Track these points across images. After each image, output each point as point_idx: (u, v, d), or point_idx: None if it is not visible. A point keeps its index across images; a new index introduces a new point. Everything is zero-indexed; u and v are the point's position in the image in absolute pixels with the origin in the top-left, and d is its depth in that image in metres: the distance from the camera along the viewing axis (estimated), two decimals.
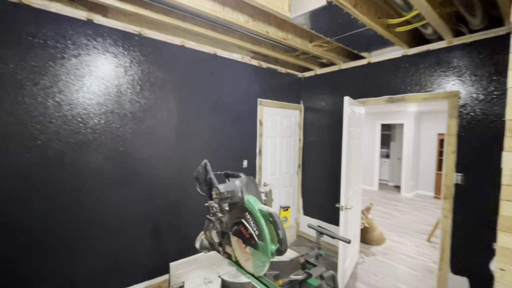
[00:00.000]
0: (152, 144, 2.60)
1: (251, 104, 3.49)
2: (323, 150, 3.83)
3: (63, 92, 2.11)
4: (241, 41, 2.93)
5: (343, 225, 2.59)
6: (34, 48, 1.97)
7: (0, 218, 1.87)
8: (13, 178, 1.91)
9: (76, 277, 2.19)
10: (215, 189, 1.22)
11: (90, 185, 2.25)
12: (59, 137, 2.09)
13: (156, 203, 2.63)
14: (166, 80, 2.67)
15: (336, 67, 3.65)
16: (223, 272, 1.23)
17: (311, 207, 4.04)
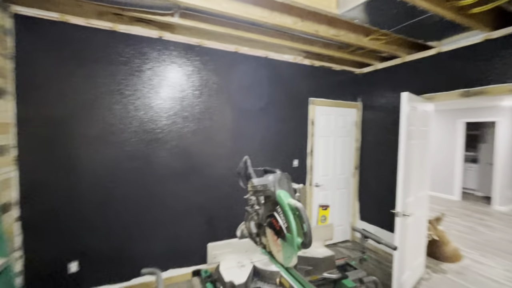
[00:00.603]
0: (208, 142, 2.90)
1: (303, 104, 3.49)
2: (383, 151, 3.53)
3: (140, 99, 2.58)
4: (292, 42, 2.98)
5: (399, 233, 2.37)
6: (121, 64, 2.47)
7: (99, 206, 2.42)
8: (105, 168, 2.45)
9: (146, 255, 2.64)
10: (250, 182, 1.34)
11: (158, 175, 2.67)
12: (136, 135, 2.56)
13: (210, 195, 2.92)
14: (221, 85, 2.94)
15: (398, 60, 3.32)
16: (255, 259, 1.34)
17: (369, 212, 3.77)
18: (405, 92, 2.34)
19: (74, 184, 2.35)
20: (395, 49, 3.09)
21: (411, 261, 2.69)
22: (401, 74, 3.31)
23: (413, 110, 2.57)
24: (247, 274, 1.20)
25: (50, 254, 2.29)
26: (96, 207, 2.43)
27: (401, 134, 2.36)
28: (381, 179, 3.54)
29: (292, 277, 1.17)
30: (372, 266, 3.22)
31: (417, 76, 3.10)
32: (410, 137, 2.49)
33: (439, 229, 3.42)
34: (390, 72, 3.47)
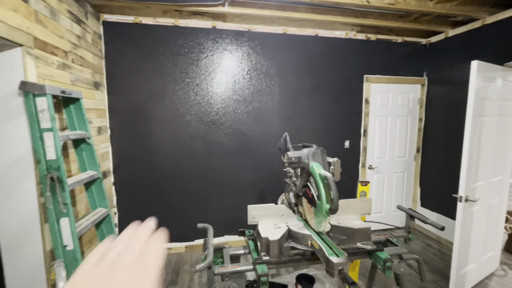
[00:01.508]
0: (259, 123, 3.09)
1: (356, 82, 3.32)
2: (452, 132, 3.11)
3: (199, 85, 2.91)
4: (343, 17, 2.85)
5: (460, 219, 2.15)
6: (181, 55, 2.83)
7: (171, 176, 2.92)
8: (174, 145, 2.91)
9: (209, 219, 3.07)
10: (286, 155, 1.47)
11: (216, 153, 3.02)
12: (196, 118, 2.94)
13: (261, 172, 3.15)
14: (270, 67, 3.05)
15: (477, 23, 2.81)
16: (291, 223, 1.48)
17: (432, 199, 3.43)
18: (475, 61, 2.03)
19: (152, 157, 2.88)
20: (472, 10, 2.63)
21: (478, 253, 2.41)
22: (479, 40, 2.80)
23: (490, 81, 2.20)
24: (282, 233, 1.36)
25: (135, 212, 2.91)
26: (167, 177, 2.94)
27: (468, 110, 2.08)
28: (448, 163, 3.15)
29: (321, 240, 1.28)
30: (431, 255, 2.99)
31: (502, 41, 2.58)
32: (482, 113, 2.16)
33: None
34: (465, 38, 2.97)
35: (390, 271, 1.37)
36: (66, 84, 1.95)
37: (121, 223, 2.89)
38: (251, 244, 1.52)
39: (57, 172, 1.52)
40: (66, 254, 1.57)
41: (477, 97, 2.10)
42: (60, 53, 1.89)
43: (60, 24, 1.90)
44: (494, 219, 2.52)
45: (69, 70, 2.01)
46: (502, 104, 2.35)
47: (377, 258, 1.41)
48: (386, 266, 1.36)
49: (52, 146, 1.50)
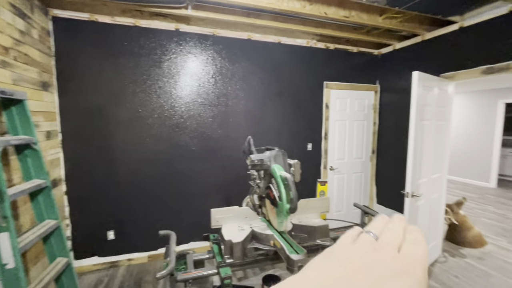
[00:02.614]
0: (224, 127, 3.10)
1: (317, 88, 3.51)
2: (402, 134, 3.44)
3: (162, 88, 2.83)
4: (304, 26, 3.00)
5: (407, 214, 2.39)
6: (143, 56, 2.73)
7: (132, 182, 2.77)
8: (135, 150, 2.77)
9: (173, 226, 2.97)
10: (248, 158, 1.50)
11: (181, 157, 2.95)
12: (159, 121, 2.84)
13: (227, 176, 3.15)
14: (235, 71, 3.09)
15: (418, 38, 3.17)
16: (254, 225, 1.51)
17: (386, 196, 3.75)
18: (416, 72, 2.29)
19: (110, 163, 2.71)
20: (414, 26, 2.96)
21: None
22: (420, 53, 3.17)
23: (428, 90, 2.50)
24: (245, 235, 1.38)
25: (91, 223, 2.70)
26: (128, 184, 2.78)
27: (411, 115, 2.33)
28: (399, 163, 3.48)
29: (283, 239, 1.33)
30: None
31: (438, 55, 2.95)
32: (423, 118, 2.44)
33: (460, 213, 3.31)
34: (409, 51, 3.33)
35: None
36: (6, 83, 1.76)
37: (75, 235, 2.66)
38: (215, 248, 1.52)
39: None
40: (6, 274, 1.40)
41: (419, 104, 2.37)
42: (0, 50, 1.70)
43: None
44: (436, 211, 2.84)
45: (11, 68, 1.82)
46: (439, 110, 2.68)
47: None
48: None
49: None
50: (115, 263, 2.81)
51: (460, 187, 6.23)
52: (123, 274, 2.68)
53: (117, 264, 2.82)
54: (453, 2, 2.34)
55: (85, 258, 2.72)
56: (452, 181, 6.75)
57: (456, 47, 2.76)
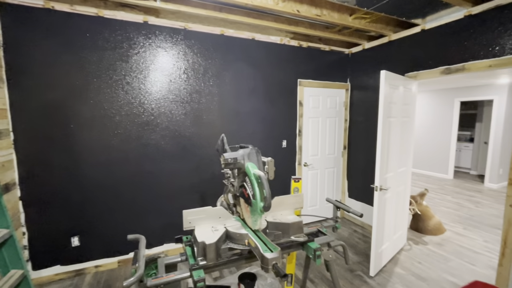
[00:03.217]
0: (198, 124, 3.01)
1: (291, 85, 3.55)
2: (371, 131, 3.61)
3: (129, 83, 2.67)
4: (277, 23, 3.00)
5: (377, 206, 2.51)
6: (108, 50, 2.55)
7: (99, 184, 2.59)
8: (101, 149, 2.59)
9: (146, 228, 2.84)
10: (222, 157, 1.46)
11: (152, 157, 2.81)
12: (127, 119, 2.68)
13: (202, 175, 3.07)
14: (208, 68, 3.01)
15: (385, 39, 3.33)
16: (228, 224, 1.48)
17: (357, 190, 3.92)
18: (383, 71, 2.40)
19: (72, 164, 2.50)
20: (381, 27, 3.10)
21: (391, 233, 2.85)
22: (387, 53, 3.33)
23: (394, 88, 2.63)
24: (219, 236, 1.35)
25: (52, 230, 2.49)
26: (94, 186, 2.60)
27: (379, 112, 2.44)
28: (369, 158, 3.65)
29: (257, 237, 1.31)
30: (357, 240, 3.41)
31: (403, 55, 3.12)
32: (389, 115, 2.57)
33: (423, 204, 3.56)
34: (377, 51, 3.48)
35: (319, 259, 1.49)
36: None
37: (33, 244, 2.43)
38: (188, 250, 1.47)
39: None
40: None
41: (386, 101, 2.48)
42: None
43: None
44: (401, 203, 3.02)
45: None
46: (404, 108, 2.84)
47: (308, 248, 1.53)
48: (316, 255, 1.48)
49: None
50: (80, 271, 2.62)
51: (422, 179, 6.71)
52: (90, 282, 2.51)
53: (83, 272, 2.63)
54: (415, 5, 2.48)
55: (46, 267, 2.51)
56: (415, 174, 7.26)
57: (418, 48, 2.93)
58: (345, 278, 2.58)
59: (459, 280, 2.54)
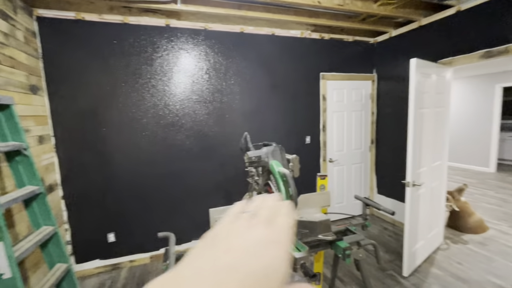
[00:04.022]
0: (221, 123, 3.05)
1: (313, 79, 3.46)
2: (401, 123, 3.40)
3: (154, 86, 2.77)
4: (297, 17, 2.93)
5: (409, 203, 2.37)
6: (133, 55, 2.65)
7: (129, 184, 2.73)
8: (130, 152, 2.72)
9: (174, 225, 2.95)
10: (245, 155, 1.46)
11: (177, 156, 2.90)
12: (153, 120, 2.79)
13: (226, 173, 3.11)
14: (229, 66, 3.02)
15: (414, 24, 3.11)
16: None
17: (386, 186, 3.74)
18: (414, 59, 2.24)
19: (106, 166, 2.66)
20: (410, 12, 2.90)
21: (425, 231, 2.68)
22: (417, 40, 3.11)
23: (426, 77, 2.45)
24: None
25: (91, 226, 2.67)
26: (125, 186, 2.74)
27: (410, 103, 2.29)
28: (399, 152, 3.45)
29: None
30: (388, 237, 3.26)
31: (435, 40, 2.90)
32: (421, 105, 2.40)
33: (461, 200, 3.30)
34: (405, 38, 3.27)
35: (349, 258, 1.44)
36: None
37: (75, 239, 2.63)
38: None
39: None
40: (3, 284, 1.37)
41: (417, 91, 2.32)
42: None
43: None
44: (437, 199, 2.83)
45: None
46: (437, 97, 2.64)
47: (337, 247, 1.48)
48: (345, 254, 1.43)
49: None
50: (117, 265, 2.79)
51: (459, 173, 6.24)
52: (126, 276, 2.67)
53: (119, 266, 2.80)
54: None
55: (87, 261, 2.70)
56: (451, 168, 6.76)
57: (453, 32, 2.70)
58: (376, 278, 2.48)
59: (505, 282, 2.33)
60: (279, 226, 0.27)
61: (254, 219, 0.27)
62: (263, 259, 0.23)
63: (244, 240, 0.24)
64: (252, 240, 0.24)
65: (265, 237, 0.25)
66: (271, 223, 0.27)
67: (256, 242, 0.24)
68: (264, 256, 0.23)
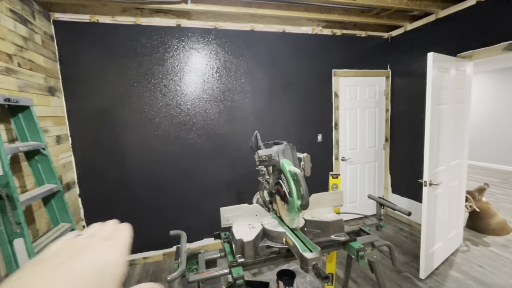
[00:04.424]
0: (232, 122, 3.05)
1: (325, 77, 3.39)
2: (416, 121, 3.29)
3: (166, 86, 2.80)
4: (308, 13, 2.88)
5: (426, 203, 2.28)
6: (145, 55, 2.70)
7: (142, 182, 2.79)
8: (143, 151, 2.78)
9: (186, 223, 2.98)
10: (256, 154, 1.45)
11: (189, 155, 2.93)
12: (166, 120, 2.82)
13: (237, 172, 3.11)
14: (239, 65, 3.02)
15: (431, 17, 2.98)
16: (265, 222, 1.47)
17: (401, 185, 3.62)
18: (431, 53, 2.15)
19: (120, 164, 2.73)
20: (427, 4, 2.79)
21: (444, 232, 2.58)
22: (434, 33, 2.98)
23: (444, 71, 2.34)
24: (256, 233, 1.34)
25: None
26: (138, 184, 2.80)
27: (427, 99, 2.20)
28: (415, 150, 3.34)
29: (295, 236, 1.28)
30: (403, 238, 3.16)
31: (454, 33, 2.77)
32: (439, 101, 2.30)
33: (483, 200, 3.15)
34: (422, 32, 3.14)
35: (363, 260, 1.40)
36: (12, 91, 1.77)
37: None
38: (226, 246, 1.49)
39: (6, 189, 1.37)
40: None
41: (435, 87, 2.23)
42: (3, 57, 1.71)
43: (0, 25, 1.71)
44: (456, 199, 2.71)
45: (15, 75, 1.82)
46: (457, 93, 2.52)
47: (350, 248, 1.44)
48: (359, 255, 1.39)
49: None
50: (131, 261, 2.86)
51: (480, 172, 5.97)
52: (140, 272, 2.72)
53: (134, 262, 2.87)
54: None
55: None
56: (471, 166, 6.48)
57: (473, 24, 2.57)
58: (391, 280, 2.41)
59: None
60: (116, 238, 0.29)
61: (91, 238, 0.28)
62: (97, 259, 0.24)
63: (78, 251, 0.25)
64: (86, 247, 0.25)
65: (100, 244, 0.27)
66: (107, 239, 0.29)
67: (91, 248, 0.26)
68: (97, 257, 0.25)
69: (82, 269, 0.23)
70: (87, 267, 0.23)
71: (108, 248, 0.27)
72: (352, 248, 1.42)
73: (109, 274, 0.24)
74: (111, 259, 0.26)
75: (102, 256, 0.25)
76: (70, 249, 0.25)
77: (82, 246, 0.26)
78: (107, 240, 0.28)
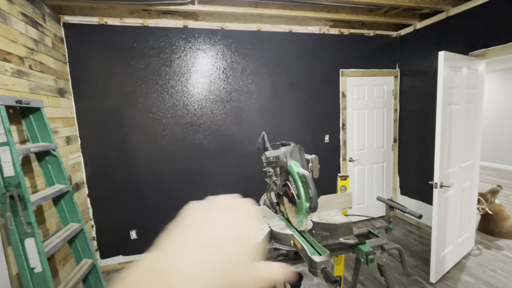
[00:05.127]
0: (238, 122, 3.04)
1: (332, 76, 3.36)
2: (426, 121, 3.22)
3: (173, 87, 2.81)
4: (315, 12, 2.86)
5: (437, 205, 2.23)
6: (153, 57, 2.71)
7: (150, 183, 2.81)
8: (150, 151, 2.80)
9: None
10: (263, 155, 1.44)
11: (195, 155, 2.94)
12: (173, 120, 2.84)
13: (244, 172, 3.11)
14: (246, 65, 3.01)
15: (442, 15, 2.92)
16: (273, 224, 1.45)
17: (410, 187, 3.56)
18: (442, 52, 2.10)
19: (128, 165, 2.75)
20: (437, 2, 2.73)
21: (455, 235, 2.52)
22: (445, 31, 2.91)
23: (456, 71, 2.29)
24: (263, 235, 1.33)
25: (115, 223, 2.77)
26: (146, 184, 2.82)
27: (438, 99, 2.15)
28: (424, 151, 3.27)
29: (303, 239, 1.26)
30: (413, 241, 3.10)
31: (465, 31, 2.70)
32: (450, 101, 2.25)
33: (495, 202, 3.07)
34: (432, 30, 3.08)
35: (372, 264, 1.38)
36: (24, 92, 1.80)
37: (99, 235, 2.74)
38: None
39: (17, 189, 1.40)
40: (34, 277, 1.45)
41: (446, 86, 2.18)
42: (15, 59, 1.74)
43: (12, 28, 1.74)
44: (467, 201, 2.65)
45: (27, 77, 1.86)
46: (469, 92, 2.46)
47: (359, 251, 1.42)
48: (368, 258, 1.37)
49: (9, 161, 1.37)
50: None
51: (493, 174, 5.82)
52: None
53: None
54: None
55: (111, 257, 2.81)
56: (484, 167, 6.33)
57: (487, 21, 2.50)
58: (401, 283, 2.37)
59: None
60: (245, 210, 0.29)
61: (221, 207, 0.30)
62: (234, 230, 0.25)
63: (217, 219, 0.27)
64: (224, 218, 0.27)
65: (234, 215, 0.27)
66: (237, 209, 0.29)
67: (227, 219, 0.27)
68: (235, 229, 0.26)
69: (220, 237, 0.24)
70: (225, 236, 0.24)
71: (242, 221, 0.27)
72: (362, 251, 1.39)
73: (244, 246, 0.25)
74: (245, 231, 0.26)
75: (237, 228, 0.26)
76: (207, 216, 0.27)
77: (217, 215, 0.27)
78: (238, 212, 0.29)
